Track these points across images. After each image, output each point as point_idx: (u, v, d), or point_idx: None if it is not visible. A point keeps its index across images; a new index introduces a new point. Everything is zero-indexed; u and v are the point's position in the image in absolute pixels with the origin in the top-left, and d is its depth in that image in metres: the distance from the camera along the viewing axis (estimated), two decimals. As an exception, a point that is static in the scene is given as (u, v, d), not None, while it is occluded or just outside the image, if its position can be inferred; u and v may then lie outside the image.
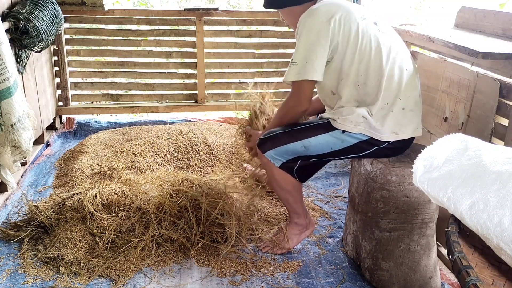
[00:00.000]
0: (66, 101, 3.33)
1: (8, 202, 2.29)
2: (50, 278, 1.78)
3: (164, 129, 2.99)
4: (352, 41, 1.73)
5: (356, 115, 1.73)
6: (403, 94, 1.75)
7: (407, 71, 1.77)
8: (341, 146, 1.79)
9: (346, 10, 1.76)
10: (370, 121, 1.73)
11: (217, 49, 3.39)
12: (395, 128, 1.75)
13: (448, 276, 1.94)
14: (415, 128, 1.79)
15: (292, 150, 1.83)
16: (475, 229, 1.04)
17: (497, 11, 2.07)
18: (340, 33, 1.73)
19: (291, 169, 1.88)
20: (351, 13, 1.76)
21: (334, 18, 1.73)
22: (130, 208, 2.01)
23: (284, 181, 1.91)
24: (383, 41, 1.75)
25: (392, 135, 1.74)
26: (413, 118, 1.78)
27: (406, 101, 1.75)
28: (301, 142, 1.81)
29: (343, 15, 1.74)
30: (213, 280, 1.83)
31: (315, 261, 1.98)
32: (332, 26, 1.72)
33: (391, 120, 1.74)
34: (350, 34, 1.73)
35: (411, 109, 1.77)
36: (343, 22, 1.73)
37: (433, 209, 1.76)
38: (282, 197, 1.98)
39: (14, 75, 1.98)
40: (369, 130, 1.74)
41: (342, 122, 1.76)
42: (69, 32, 3.25)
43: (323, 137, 1.79)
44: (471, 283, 1.05)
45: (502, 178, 1.02)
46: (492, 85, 1.79)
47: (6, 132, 1.98)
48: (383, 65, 1.73)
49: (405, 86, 1.75)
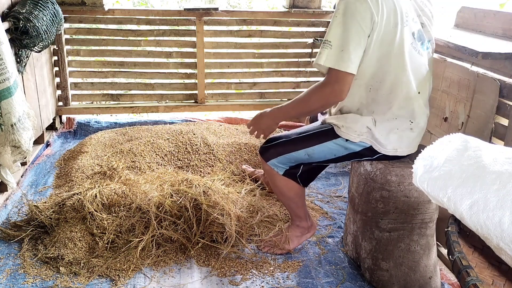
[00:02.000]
0: (66, 101, 3.32)
1: (8, 202, 2.29)
2: (50, 278, 1.78)
3: (164, 129, 2.99)
4: (385, 41, 1.61)
5: (360, 125, 1.71)
6: (417, 117, 1.71)
7: (425, 95, 1.74)
8: (344, 153, 1.78)
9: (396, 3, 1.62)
10: (373, 132, 1.71)
11: (217, 49, 3.39)
12: (397, 145, 1.73)
13: (448, 276, 1.94)
14: (415, 146, 1.78)
15: (296, 158, 1.82)
16: (475, 229, 1.04)
17: (497, 11, 2.07)
18: (382, 25, 1.58)
19: (294, 175, 1.87)
20: (400, 7, 1.63)
21: (383, 4, 1.58)
22: (130, 208, 2.01)
23: (287, 188, 1.90)
24: (414, 58, 1.67)
25: (392, 151, 1.73)
26: (416, 138, 1.76)
27: (417, 124, 1.73)
28: (305, 151, 1.79)
29: (392, 8, 1.60)
30: (213, 280, 1.83)
31: (315, 261, 1.98)
32: (381, 10, 1.57)
33: (395, 137, 1.71)
34: (388, 33, 1.60)
35: (418, 133, 1.75)
36: (391, 15, 1.59)
37: (433, 209, 1.76)
38: (285, 203, 1.98)
39: (14, 75, 1.98)
40: (371, 140, 1.73)
41: (346, 131, 1.73)
42: (69, 32, 3.25)
43: (327, 144, 1.77)
44: (471, 283, 1.05)
45: (502, 178, 1.02)
46: (492, 85, 1.79)
47: (6, 132, 1.98)
48: (406, 82, 1.66)
49: (419, 109, 1.72)
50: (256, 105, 3.55)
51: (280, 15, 3.38)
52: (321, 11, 3.39)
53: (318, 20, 3.43)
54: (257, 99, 3.58)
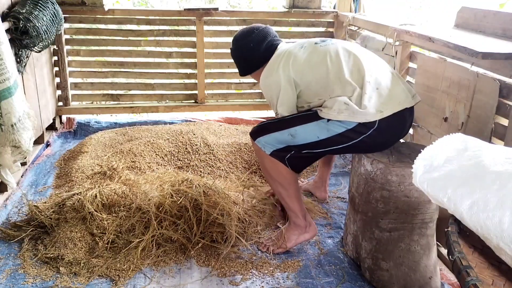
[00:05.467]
0: (66, 101, 3.33)
1: (8, 202, 2.29)
2: (50, 278, 1.78)
3: (164, 129, 2.99)
4: (303, 68, 1.87)
5: (338, 103, 1.78)
6: (368, 76, 1.80)
7: (360, 55, 1.87)
8: (327, 135, 1.81)
9: (284, 54, 1.95)
10: (352, 106, 1.76)
11: (217, 49, 3.39)
12: (379, 107, 1.77)
13: (448, 276, 1.94)
14: (399, 102, 1.80)
15: (280, 138, 1.88)
16: (475, 229, 1.04)
17: (497, 11, 2.07)
18: (291, 71, 1.88)
19: (282, 157, 1.90)
20: (290, 52, 1.94)
21: (279, 67, 1.90)
22: (130, 208, 2.01)
23: (275, 171, 1.92)
24: (326, 49, 1.89)
25: (378, 114, 1.76)
26: (394, 94, 1.81)
27: (375, 81, 1.80)
28: (288, 131, 1.86)
29: (284, 59, 1.92)
30: (213, 280, 1.83)
31: (315, 261, 1.98)
32: (281, 71, 1.88)
33: (371, 101, 1.77)
34: (297, 66, 1.87)
35: (386, 87, 1.81)
36: (289, 63, 1.89)
37: (433, 209, 1.76)
38: (275, 189, 2.00)
39: (14, 75, 1.98)
40: (354, 116, 1.76)
41: (326, 111, 1.80)
42: (69, 32, 3.25)
43: (309, 126, 1.83)
44: (471, 283, 1.05)
45: (502, 178, 1.02)
46: (492, 85, 1.79)
47: (7, 132, 1.98)
48: (341, 63, 1.83)
49: (367, 68, 1.82)
50: (256, 105, 3.55)
51: (280, 15, 3.38)
52: (321, 11, 3.39)
53: (318, 20, 3.43)
54: (257, 99, 3.58)
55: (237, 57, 2.15)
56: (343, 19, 3.26)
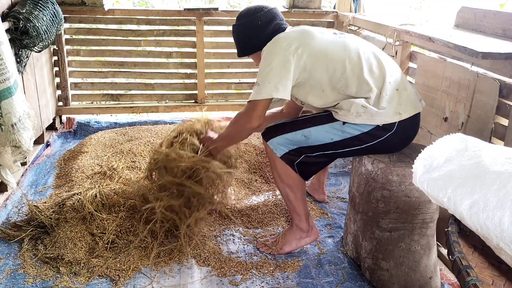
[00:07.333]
0: (66, 101, 3.33)
1: (8, 202, 2.29)
2: (50, 278, 1.78)
3: (164, 129, 2.99)
4: (318, 55, 1.78)
5: (355, 106, 1.74)
6: (389, 76, 1.78)
7: (380, 55, 1.83)
8: (341, 137, 1.79)
9: (303, 31, 1.86)
10: (370, 109, 1.73)
11: (217, 49, 3.39)
12: (397, 108, 1.75)
13: (448, 276, 1.94)
14: (415, 106, 1.80)
15: (293, 138, 1.84)
16: (475, 229, 1.04)
17: (497, 11, 2.07)
18: (304, 55, 1.77)
19: (292, 162, 1.88)
20: (308, 33, 1.84)
21: (293, 43, 1.79)
22: (130, 208, 2.01)
23: (285, 173, 1.90)
24: (346, 43, 1.82)
25: (396, 116, 1.74)
26: (409, 96, 1.80)
27: (396, 82, 1.78)
28: (302, 131, 1.82)
29: (304, 35, 1.83)
30: (213, 280, 1.83)
31: (315, 261, 1.98)
32: (293, 49, 1.78)
33: (390, 103, 1.75)
34: (313, 50, 1.78)
35: (404, 88, 1.80)
36: (305, 43, 1.79)
37: (434, 209, 1.76)
38: (283, 191, 1.97)
39: (14, 75, 1.98)
40: (372, 118, 1.73)
41: (343, 114, 1.76)
42: (69, 32, 3.25)
43: (324, 127, 1.80)
44: (471, 283, 1.05)
45: (502, 178, 1.02)
46: (492, 85, 1.79)
47: (7, 132, 1.98)
48: (361, 60, 1.77)
49: (387, 69, 1.79)
50: (256, 105, 3.54)
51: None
52: (321, 11, 3.39)
53: (318, 20, 3.43)
54: (257, 99, 3.57)
55: (241, 34, 2.00)
56: (343, 19, 3.27)
